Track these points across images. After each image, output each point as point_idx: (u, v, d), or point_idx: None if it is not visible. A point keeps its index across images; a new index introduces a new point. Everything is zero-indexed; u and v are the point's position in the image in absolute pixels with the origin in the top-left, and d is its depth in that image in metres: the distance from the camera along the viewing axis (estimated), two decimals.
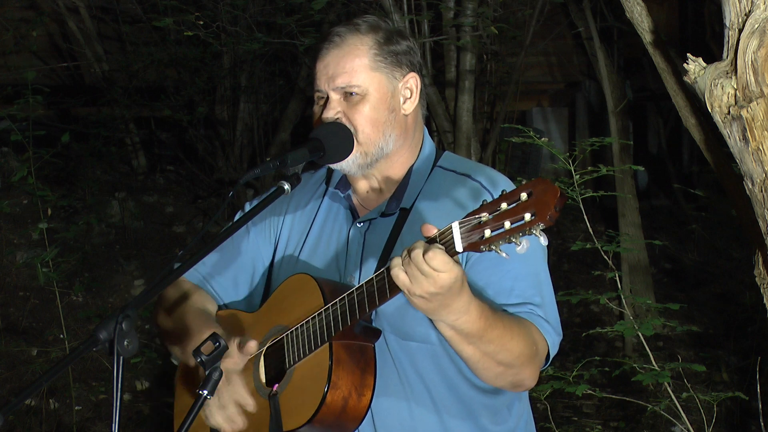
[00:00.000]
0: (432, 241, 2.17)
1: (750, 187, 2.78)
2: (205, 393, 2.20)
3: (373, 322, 2.51)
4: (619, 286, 4.67)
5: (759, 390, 4.70)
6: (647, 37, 3.39)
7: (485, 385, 2.55)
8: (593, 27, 7.21)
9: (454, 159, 2.69)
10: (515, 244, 2.05)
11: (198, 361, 2.22)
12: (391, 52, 2.58)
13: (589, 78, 9.40)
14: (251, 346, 2.50)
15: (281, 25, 6.79)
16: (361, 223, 2.62)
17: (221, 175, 8.70)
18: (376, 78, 2.56)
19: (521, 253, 2.07)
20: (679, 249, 8.14)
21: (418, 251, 2.16)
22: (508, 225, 2.05)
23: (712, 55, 2.82)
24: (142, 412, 6.27)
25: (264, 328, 2.60)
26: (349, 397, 2.40)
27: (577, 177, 4.36)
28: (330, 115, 2.55)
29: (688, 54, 2.82)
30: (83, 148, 8.66)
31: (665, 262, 8.11)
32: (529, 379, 2.47)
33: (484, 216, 2.09)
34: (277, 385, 2.52)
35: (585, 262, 7.72)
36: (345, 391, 2.40)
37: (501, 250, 2.09)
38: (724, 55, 2.75)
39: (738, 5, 2.71)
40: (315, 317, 2.44)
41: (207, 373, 2.22)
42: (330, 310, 2.41)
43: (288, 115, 8.77)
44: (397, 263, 2.20)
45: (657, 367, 4.45)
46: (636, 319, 4.89)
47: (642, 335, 4.47)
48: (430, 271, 2.15)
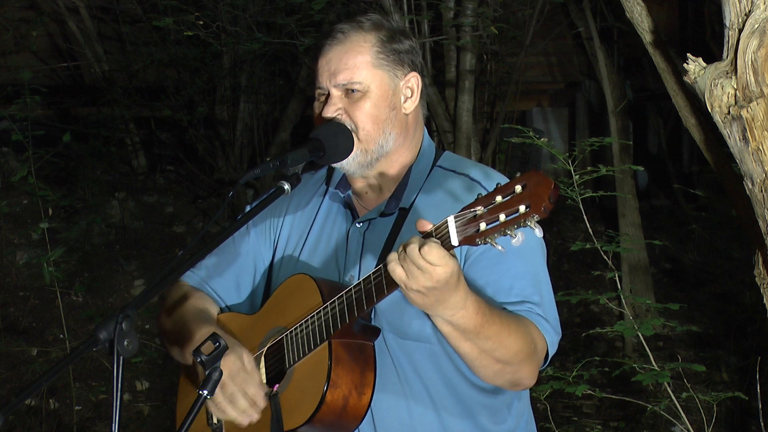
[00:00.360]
0: (428, 236, 2.18)
1: (750, 187, 2.78)
2: (205, 393, 2.20)
3: (372, 321, 2.51)
4: (618, 286, 4.67)
5: (759, 390, 4.70)
6: (647, 37, 3.39)
7: (484, 385, 2.55)
8: (593, 27, 7.21)
9: (453, 158, 2.69)
10: (510, 236, 2.05)
11: (198, 361, 2.22)
12: (393, 51, 2.58)
13: (589, 78, 9.39)
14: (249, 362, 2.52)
15: (281, 25, 6.79)
16: (361, 223, 2.62)
17: (221, 175, 8.70)
18: (378, 75, 2.56)
19: (516, 245, 2.07)
20: (679, 249, 8.14)
21: (413, 246, 2.16)
22: (503, 217, 2.05)
23: (712, 55, 2.82)
24: (142, 412, 6.28)
25: (264, 329, 2.60)
26: (349, 396, 2.40)
27: (577, 177, 4.36)
28: (331, 112, 2.55)
29: (688, 54, 2.82)
30: (83, 148, 8.66)
31: (665, 262, 8.11)
32: (528, 378, 2.47)
33: (479, 209, 2.09)
34: (277, 385, 2.52)
35: (585, 262, 7.72)
36: (345, 390, 2.40)
37: (496, 243, 2.09)
38: (724, 55, 2.75)
39: (738, 5, 2.72)
40: (314, 316, 2.44)
41: (207, 373, 2.22)
42: (328, 308, 2.41)
43: (288, 115, 8.77)
44: (394, 258, 2.20)
45: (657, 367, 4.45)
46: (636, 319, 4.89)
47: (642, 335, 4.47)
48: (426, 266, 2.15)
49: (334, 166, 2.60)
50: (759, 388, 4.70)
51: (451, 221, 2.14)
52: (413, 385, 2.53)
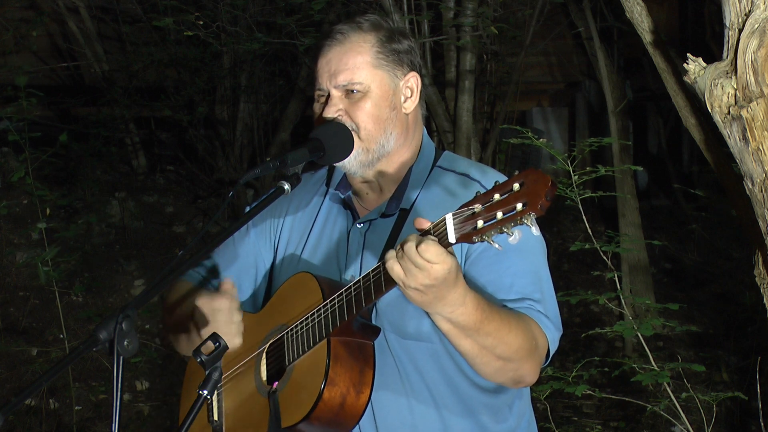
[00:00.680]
0: (426, 234, 2.18)
1: (750, 187, 2.78)
2: (205, 393, 2.20)
3: (373, 321, 2.51)
4: (618, 287, 4.67)
5: (759, 390, 4.70)
6: (647, 37, 3.39)
7: (486, 384, 2.55)
8: (593, 27, 7.21)
9: (453, 159, 2.69)
10: (507, 234, 2.05)
11: (198, 361, 2.23)
12: (393, 51, 2.59)
13: (589, 78, 9.39)
14: (226, 283, 2.59)
15: (281, 25, 6.79)
16: (361, 224, 2.62)
17: (221, 175, 8.70)
18: (378, 75, 2.57)
19: (514, 243, 2.07)
20: (679, 249, 8.14)
21: (411, 244, 2.16)
22: (500, 215, 2.05)
23: (712, 55, 2.83)
24: (142, 412, 6.28)
25: (266, 327, 2.61)
26: (347, 394, 2.40)
27: (576, 177, 4.36)
28: (331, 113, 2.55)
29: (688, 54, 2.82)
30: (83, 148, 8.66)
31: (665, 262, 8.11)
32: (530, 375, 2.46)
33: (477, 207, 2.09)
34: (276, 382, 2.52)
35: (585, 262, 7.72)
36: (343, 388, 2.40)
37: (494, 241, 2.09)
38: (724, 55, 2.76)
39: (738, 5, 2.72)
40: (314, 314, 2.44)
41: (207, 373, 2.22)
42: (328, 306, 2.41)
43: (288, 115, 8.77)
44: (392, 256, 2.20)
45: (657, 368, 4.45)
46: (636, 319, 4.89)
47: (641, 335, 4.47)
48: (423, 263, 2.15)
49: (336, 165, 2.60)
50: (759, 388, 4.70)
51: (449, 219, 2.14)
52: (415, 385, 2.53)
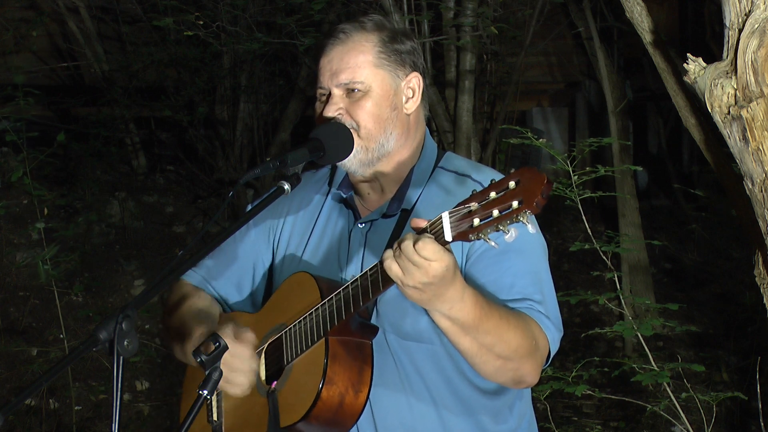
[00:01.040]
0: (422, 232, 2.18)
1: (750, 187, 2.78)
2: (205, 393, 2.20)
3: (373, 322, 2.51)
4: (618, 287, 4.67)
5: (759, 390, 4.70)
6: (647, 37, 3.39)
7: (486, 386, 2.55)
8: (593, 27, 7.21)
9: (455, 160, 2.69)
10: (503, 232, 2.06)
11: (198, 361, 2.23)
12: (395, 51, 2.59)
13: (589, 78, 9.39)
14: (248, 336, 2.49)
15: (281, 25, 6.79)
16: (363, 224, 2.62)
17: (221, 175, 8.70)
18: (379, 75, 2.57)
19: (513, 243, 2.08)
20: (679, 249, 8.14)
21: (408, 242, 2.16)
22: (496, 213, 2.06)
23: (712, 55, 2.83)
24: (142, 412, 6.28)
25: (265, 327, 2.61)
26: (345, 394, 2.40)
27: (576, 177, 4.36)
28: (332, 111, 2.55)
29: (688, 54, 2.82)
30: (83, 148, 8.66)
31: (665, 262, 8.11)
32: (531, 375, 2.46)
33: (473, 205, 2.10)
34: (275, 382, 2.52)
35: (585, 262, 7.72)
36: (341, 387, 2.40)
37: (490, 239, 2.09)
38: (724, 55, 2.76)
39: (738, 5, 2.72)
40: (312, 313, 2.45)
41: (207, 373, 2.22)
42: (326, 305, 2.41)
43: (288, 115, 8.77)
44: (389, 255, 2.20)
45: (656, 368, 4.45)
46: (635, 319, 4.89)
47: (641, 335, 4.47)
48: (421, 261, 2.15)
49: (337, 164, 2.59)
50: (759, 388, 4.70)
51: (445, 217, 2.14)
52: (414, 385, 2.53)
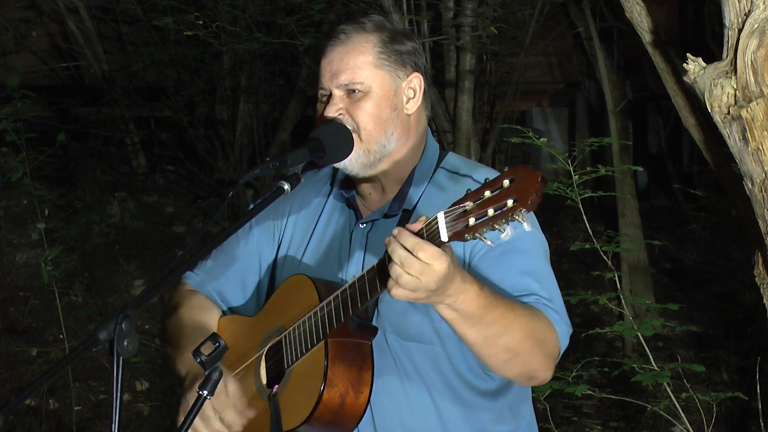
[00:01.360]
0: (419, 233, 2.17)
1: (750, 187, 2.78)
2: (205, 393, 2.20)
3: (374, 323, 2.51)
4: (618, 287, 4.67)
5: (759, 390, 4.70)
6: (647, 37, 3.39)
7: (486, 387, 2.55)
8: (593, 27, 7.22)
9: (457, 160, 2.68)
10: (499, 231, 2.05)
11: (198, 361, 2.23)
12: (395, 51, 2.58)
13: (589, 78, 9.39)
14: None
15: (281, 25, 6.79)
16: (364, 224, 2.62)
17: (221, 175, 8.70)
18: (379, 75, 2.56)
19: (506, 240, 2.07)
20: (679, 249, 8.14)
21: (405, 253, 2.16)
22: (491, 212, 2.06)
23: (712, 55, 2.83)
24: (142, 412, 6.28)
25: (264, 330, 2.61)
26: (346, 395, 2.40)
27: (576, 177, 4.36)
28: (332, 112, 2.55)
29: (688, 54, 2.82)
30: (83, 148, 8.66)
31: (665, 262, 8.12)
32: (542, 370, 2.43)
33: (469, 205, 2.10)
34: (276, 386, 2.52)
35: (585, 262, 7.72)
36: (342, 389, 2.40)
37: (486, 238, 2.09)
38: (724, 55, 2.76)
39: (738, 5, 2.72)
40: (311, 316, 2.44)
41: (207, 373, 2.22)
42: (324, 307, 2.41)
43: (288, 115, 8.76)
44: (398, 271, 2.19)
45: (657, 368, 4.45)
46: (636, 319, 4.89)
47: (641, 335, 4.47)
48: (422, 268, 2.14)
49: (337, 166, 2.59)
50: (759, 388, 4.70)
51: (440, 217, 2.14)
52: (414, 386, 2.53)
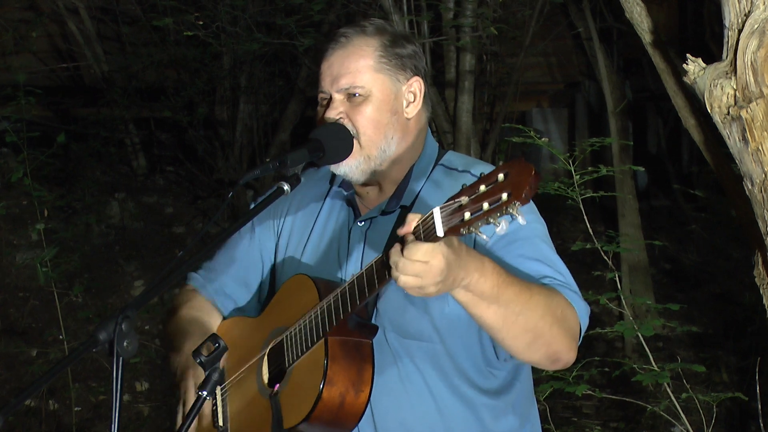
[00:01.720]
0: (416, 230, 2.17)
1: (749, 187, 2.79)
2: (204, 393, 2.21)
3: (374, 321, 2.51)
4: (618, 287, 4.67)
5: (759, 390, 4.70)
6: (647, 37, 3.39)
7: (487, 385, 2.55)
8: (593, 27, 7.22)
9: (456, 157, 2.68)
10: (494, 225, 2.06)
11: (197, 362, 2.23)
12: (396, 55, 2.58)
13: (589, 78, 9.39)
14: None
15: (281, 26, 6.79)
16: (363, 222, 2.62)
17: (221, 175, 8.70)
18: (379, 79, 2.56)
19: (501, 234, 2.07)
20: (679, 249, 8.14)
21: (401, 259, 2.15)
22: (486, 206, 2.06)
23: (711, 56, 2.83)
24: (142, 412, 6.28)
25: (267, 330, 2.61)
26: (346, 394, 2.40)
27: (577, 177, 4.36)
28: (332, 115, 2.55)
29: (688, 54, 2.82)
30: (83, 149, 8.66)
31: (665, 262, 8.11)
32: (565, 352, 2.42)
33: (464, 199, 2.10)
34: (278, 385, 2.52)
35: (585, 263, 7.72)
36: (342, 388, 2.40)
37: (481, 233, 2.09)
38: (724, 55, 2.76)
39: (738, 5, 2.72)
40: (311, 315, 2.45)
41: (206, 373, 2.22)
42: (324, 306, 2.41)
43: (288, 115, 8.76)
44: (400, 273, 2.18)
45: (657, 368, 4.45)
46: (636, 319, 4.89)
47: (642, 336, 4.47)
48: (420, 268, 2.14)
49: (338, 172, 2.59)
50: (759, 388, 4.70)
51: (436, 212, 2.14)
52: (415, 385, 2.53)
